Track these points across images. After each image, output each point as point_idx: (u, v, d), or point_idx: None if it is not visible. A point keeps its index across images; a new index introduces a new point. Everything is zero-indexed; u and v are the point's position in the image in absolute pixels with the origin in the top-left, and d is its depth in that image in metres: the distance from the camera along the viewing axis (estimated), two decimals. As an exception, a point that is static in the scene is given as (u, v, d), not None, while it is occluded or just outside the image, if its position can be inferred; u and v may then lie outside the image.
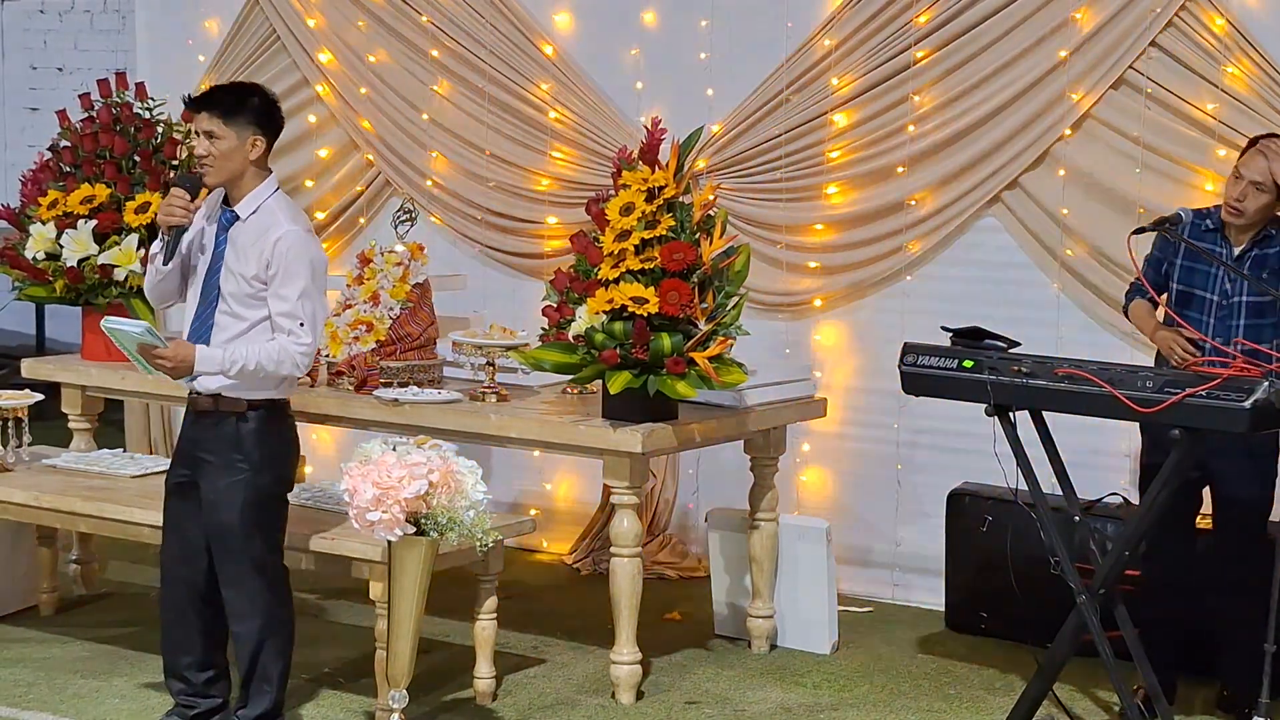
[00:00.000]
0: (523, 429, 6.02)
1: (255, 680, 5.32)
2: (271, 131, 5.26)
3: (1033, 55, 6.63)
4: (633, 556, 5.87)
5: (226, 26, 8.43)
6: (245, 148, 5.19)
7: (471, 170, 7.84)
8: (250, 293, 5.17)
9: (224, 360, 5.13)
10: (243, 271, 5.17)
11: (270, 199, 5.26)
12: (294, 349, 5.16)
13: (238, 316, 5.20)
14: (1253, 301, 5.51)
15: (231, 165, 5.19)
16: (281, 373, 5.19)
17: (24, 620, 6.68)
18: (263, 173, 5.27)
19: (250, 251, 5.17)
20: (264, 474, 5.24)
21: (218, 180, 5.22)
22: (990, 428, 5.38)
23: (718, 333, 5.73)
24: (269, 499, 5.29)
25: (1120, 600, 5.36)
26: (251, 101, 5.25)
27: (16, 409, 6.39)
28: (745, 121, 7.19)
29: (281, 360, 5.15)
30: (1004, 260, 6.81)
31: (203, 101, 5.25)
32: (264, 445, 5.24)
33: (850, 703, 5.96)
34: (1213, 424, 4.96)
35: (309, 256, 5.20)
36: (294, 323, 5.16)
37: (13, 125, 11.91)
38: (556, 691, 6.01)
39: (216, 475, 5.23)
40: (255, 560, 5.26)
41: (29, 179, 7.14)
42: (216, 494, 5.23)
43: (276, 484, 5.31)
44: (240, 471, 5.21)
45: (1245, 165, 5.51)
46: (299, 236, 5.20)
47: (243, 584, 5.26)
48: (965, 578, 6.64)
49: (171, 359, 5.12)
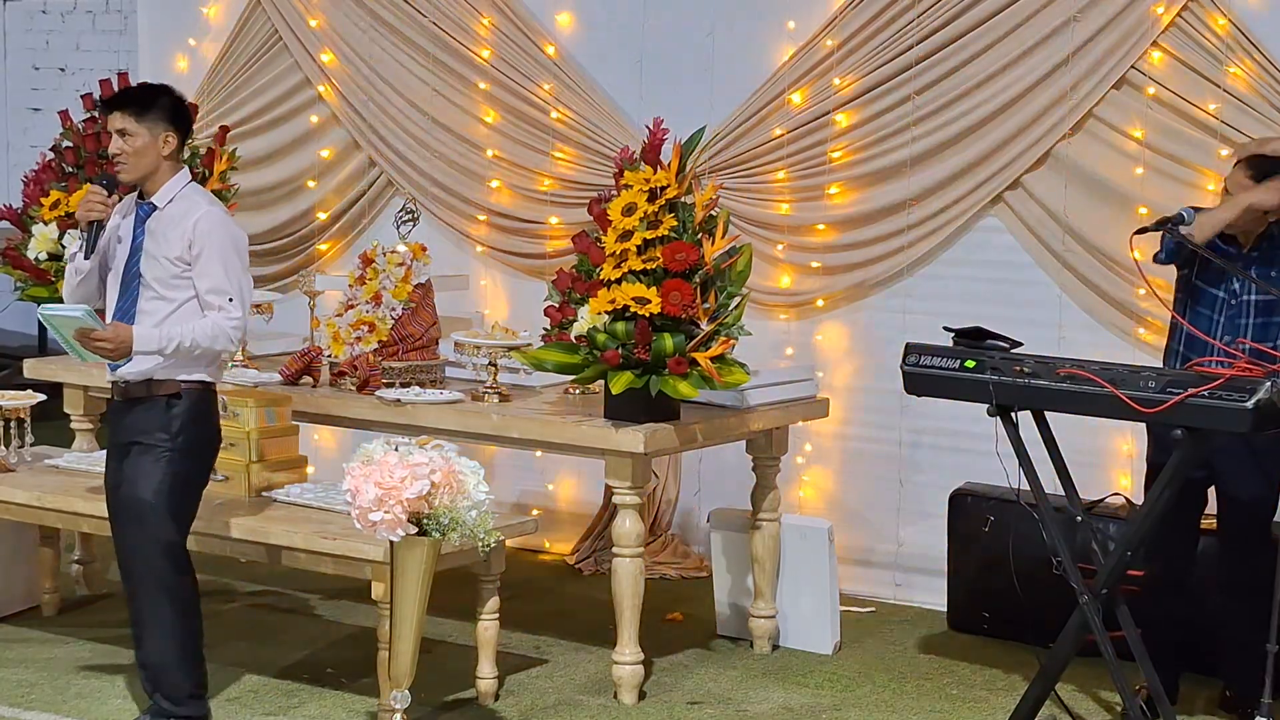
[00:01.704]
0: (525, 429, 6.02)
1: (165, 670, 5.31)
2: (182, 128, 5.38)
3: (1035, 55, 6.63)
4: (635, 557, 5.87)
5: (228, 27, 8.43)
6: (158, 144, 5.30)
7: (474, 170, 7.84)
8: (175, 273, 5.26)
9: (161, 339, 5.20)
10: (166, 254, 5.26)
11: (187, 188, 5.38)
12: (226, 324, 5.25)
13: (163, 299, 5.27)
14: (1262, 300, 5.51)
15: (145, 161, 5.30)
16: (216, 348, 5.28)
17: (26, 620, 6.68)
18: (176, 166, 5.38)
19: (171, 234, 5.27)
20: (188, 457, 5.31)
21: (133, 176, 5.32)
22: (992, 428, 5.38)
23: (720, 333, 5.73)
24: (185, 481, 5.33)
25: (1122, 600, 5.36)
26: (162, 100, 5.36)
27: (19, 409, 6.39)
28: (747, 121, 7.19)
29: (216, 335, 5.24)
30: (1006, 260, 6.81)
31: (115, 101, 5.38)
32: (191, 428, 5.31)
33: (852, 703, 5.96)
34: (1215, 424, 4.96)
35: (230, 234, 5.32)
36: (223, 298, 5.26)
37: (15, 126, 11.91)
38: (558, 692, 6.01)
39: (140, 455, 5.29)
40: (163, 543, 5.29)
41: (31, 179, 7.15)
42: (136, 472, 5.29)
43: (197, 468, 5.38)
44: (165, 452, 5.28)
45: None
46: (218, 216, 5.33)
47: (146, 565, 5.29)
48: (967, 578, 6.64)
49: (111, 340, 5.17)
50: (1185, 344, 5.61)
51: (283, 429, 6.16)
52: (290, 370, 6.55)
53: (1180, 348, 5.63)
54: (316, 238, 8.30)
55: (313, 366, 6.57)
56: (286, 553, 5.70)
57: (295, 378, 6.55)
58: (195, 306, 5.28)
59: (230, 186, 7.46)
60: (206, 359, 5.33)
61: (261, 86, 8.36)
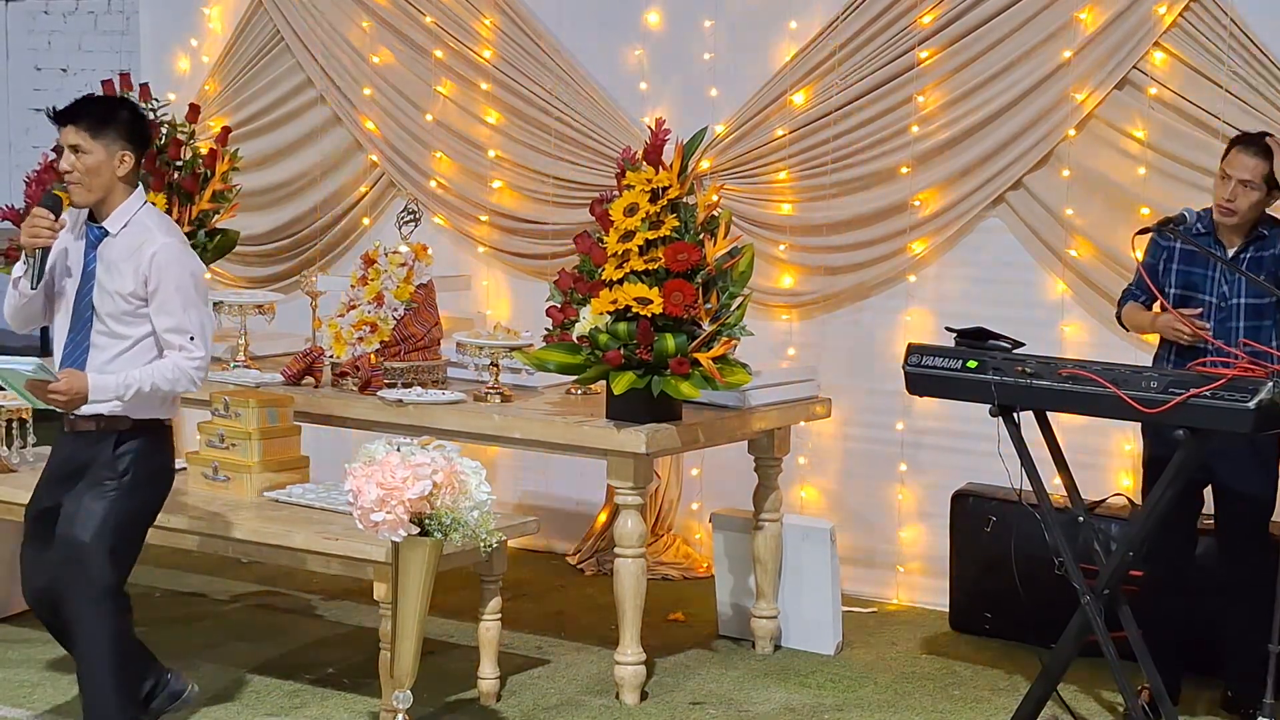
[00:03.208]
0: (526, 429, 6.03)
1: (105, 712, 5.01)
2: (140, 147, 5.03)
3: (1036, 55, 6.63)
4: (637, 557, 5.87)
5: (230, 28, 8.44)
6: (113, 163, 4.96)
7: (475, 171, 7.84)
8: (129, 310, 4.96)
9: (119, 386, 4.90)
10: (119, 289, 4.95)
11: (140, 212, 5.03)
12: (187, 365, 4.97)
13: (117, 336, 4.98)
14: (1251, 303, 5.50)
15: (99, 181, 4.95)
16: (177, 390, 5.01)
17: (29, 621, 6.66)
18: (130, 188, 5.03)
19: (124, 267, 4.95)
20: (133, 497, 5.02)
21: (85, 198, 4.97)
22: (994, 428, 5.38)
23: (721, 333, 5.73)
24: (130, 524, 5.04)
25: (1124, 601, 5.36)
26: (120, 115, 5.01)
27: (20, 410, 6.39)
28: (749, 122, 7.19)
29: (177, 379, 4.96)
30: (1008, 260, 6.81)
31: (69, 114, 4.98)
32: (139, 468, 5.01)
33: (854, 703, 5.96)
34: (1217, 424, 4.96)
35: (188, 269, 5.01)
36: (184, 337, 4.97)
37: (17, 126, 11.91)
38: (560, 692, 6.01)
39: (81, 492, 4.99)
40: (99, 586, 4.97)
41: (33, 180, 7.14)
42: (77, 508, 4.97)
43: (142, 510, 5.09)
44: (108, 490, 4.98)
45: (1230, 165, 5.51)
46: (175, 249, 5.00)
47: (84, 610, 4.97)
48: (969, 578, 6.64)
49: (65, 392, 4.86)
50: (1176, 353, 5.61)
51: (284, 429, 6.16)
52: (292, 371, 6.55)
53: (1171, 356, 5.62)
54: (318, 238, 8.30)
55: (314, 367, 6.57)
56: (288, 553, 5.70)
57: (297, 378, 6.55)
58: (151, 344, 4.99)
59: (232, 187, 7.46)
60: (167, 400, 5.05)
61: (263, 87, 8.36)
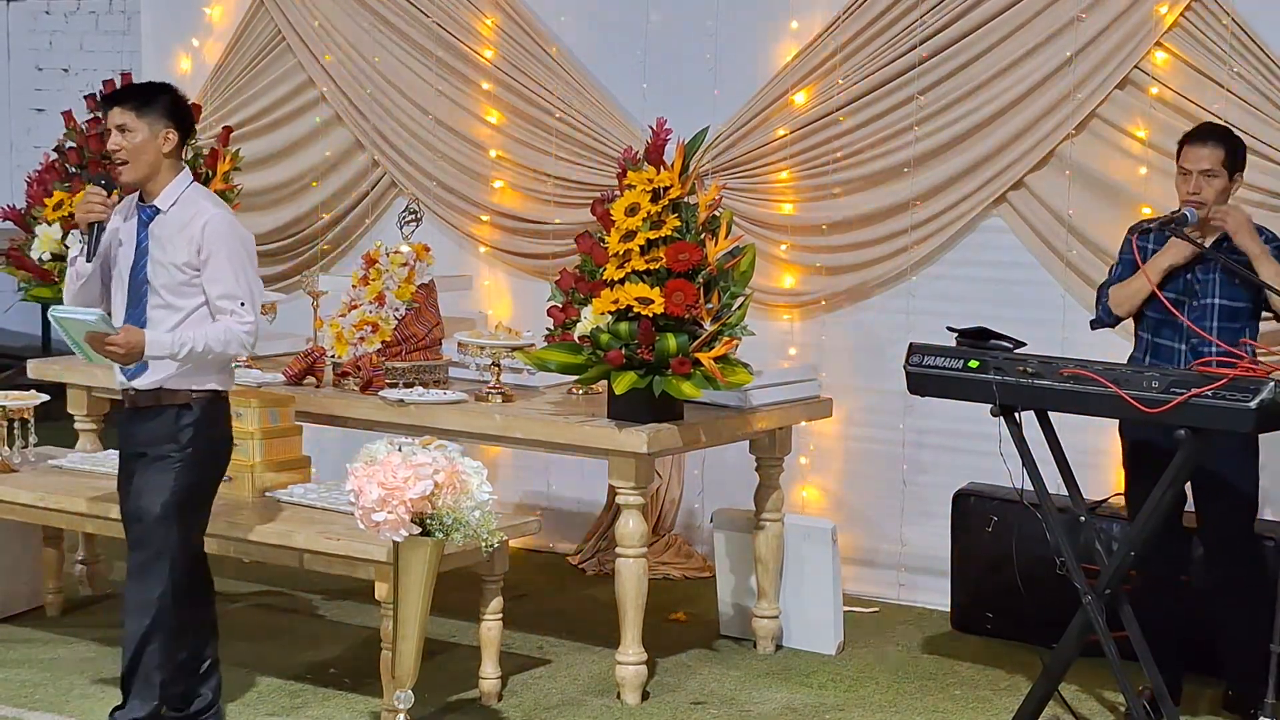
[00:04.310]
0: (528, 429, 6.03)
1: (137, 680, 5.24)
2: (183, 126, 5.28)
3: (1038, 55, 6.62)
4: (638, 557, 5.87)
5: (232, 28, 8.44)
6: (157, 141, 5.20)
7: (477, 170, 7.84)
8: (184, 280, 5.18)
9: (173, 344, 5.11)
10: (173, 260, 5.17)
11: (189, 188, 5.27)
12: (238, 328, 5.17)
13: (172, 308, 5.18)
14: (1226, 305, 5.51)
15: (145, 159, 5.20)
16: (229, 353, 5.22)
17: (30, 621, 6.68)
18: (177, 165, 5.28)
19: (177, 239, 5.18)
20: (196, 468, 5.23)
21: (133, 175, 5.22)
22: (996, 428, 5.38)
23: (723, 333, 5.73)
24: (195, 494, 5.26)
25: (1126, 600, 5.36)
26: (162, 97, 5.27)
27: (22, 410, 6.39)
28: (751, 121, 7.19)
29: (229, 340, 5.17)
30: (1009, 260, 6.81)
31: (115, 97, 5.29)
32: (201, 439, 5.23)
33: (856, 703, 5.96)
34: (1218, 424, 4.96)
35: (239, 237, 5.25)
36: (234, 303, 5.18)
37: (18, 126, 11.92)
38: (562, 692, 6.01)
39: (148, 466, 5.22)
40: (166, 556, 5.19)
41: (34, 180, 7.15)
42: (143, 481, 5.21)
43: (207, 480, 5.30)
44: (173, 463, 5.19)
45: (1187, 160, 5.55)
46: (226, 219, 5.24)
47: (145, 578, 5.20)
48: (971, 578, 6.64)
49: (123, 345, 5.08)
50: (1151, 353, 5.61)
51: (286, 429, 6.17)
52: (293, 370, 6.55)
53: (1144, 357, 5.62)
54: (320, 238, 8.30)
55: (316, 367, 6.57)
56: (290, 553, 5.70)
57: (299, 378, 6.55)
58: (205, 313, 5.19)
59: (234, 187, 7.46)
60: (218, 365, 5.26)
61: (265, 87, 8.36)
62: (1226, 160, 5.53)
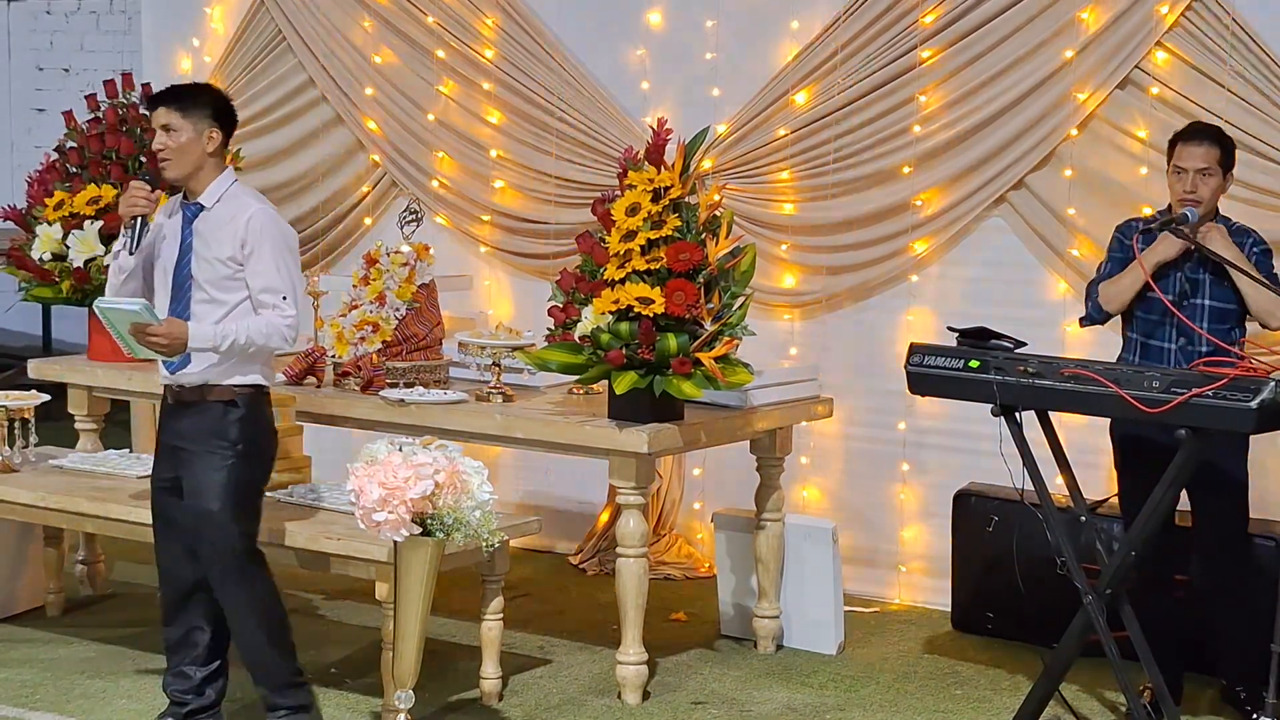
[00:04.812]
0: (528, 429, 6.03)
1: (258, 661, 5.36)
2: (227, 126, 5.35)
3: (1039, 55, 6.63)
4: (639, 557, 5.87)
5: (232, 28, 8.44)
6: (202, 140, 5.26)
7: (477, 170, 7.84)
8: (228, 274, 5.23)
9: (215, 336, 5.17)
10: (218, 255, 5.23)
11: (233, 187, 5.34)
12: (280, 322, 5.23)
13: (217, 302, 5.24)
14: (1215, 306, 5.51)
15: (190, 157, 5.26)
16: (271, 345, 5.26)
17: (30, 621, 6.69)
18: (220, 163, 5.34)
19: (222, 234, 5.24)
20: (248, 462, 5.29)
21: (177, 173, 5.27)
22: (996, 428, 5.38)
23: (723, 333, 5.73)
24: (250, 487, 5.33)
25: (1126, 600, 5.36)
26: (206, 96, 5.35)
27: (23, 410, 6.39)
28: (751, 121, 7.19)
29: (270, 334, 5.22)
30: (1010, 260, 6.81)
31: (160, 97, 5.35)
32: (248, 433, 5.30)
33: (856, 703, 5.96)
34: (1219, 424, 4.95)
35: (283, 233, 5.32)
36: (276, 297, 5.24)
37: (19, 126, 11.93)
38: (562, 692, 6.01)
39: (200, 464, 5.26)
40: (236, 549, 5.29)
41: (35, 180, 7.15)
42: (200, 481, 5.26)
43: (259, 472, 5.37)
44: (225, 459, 5.25)
45: (1181, 159, 5.55)
46: (270, 215, 5.32)
47: (227, 574, 5.29)
48: (971, 578, 6.64)
49: (166, 336, 5.12)
50: (1140, 354, 5.61)
51: (286, 429, 6.16)
52: (294, 370, 6.55)
53: (1134, 358, 5.62)
54: (320, 238, 8.30)
55: (316, 367, 6.57)
56: (290, 553, 5.70)
57: (299, 378, 6.55)
58: (247, 308, 5.25)
59: (234, 187, 7.45)
60: (259, 358, 5.31)
61: (265, 87, 8.36)
62: (1222, 159, 5.53)
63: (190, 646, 5.43)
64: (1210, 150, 5.52)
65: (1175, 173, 5.56)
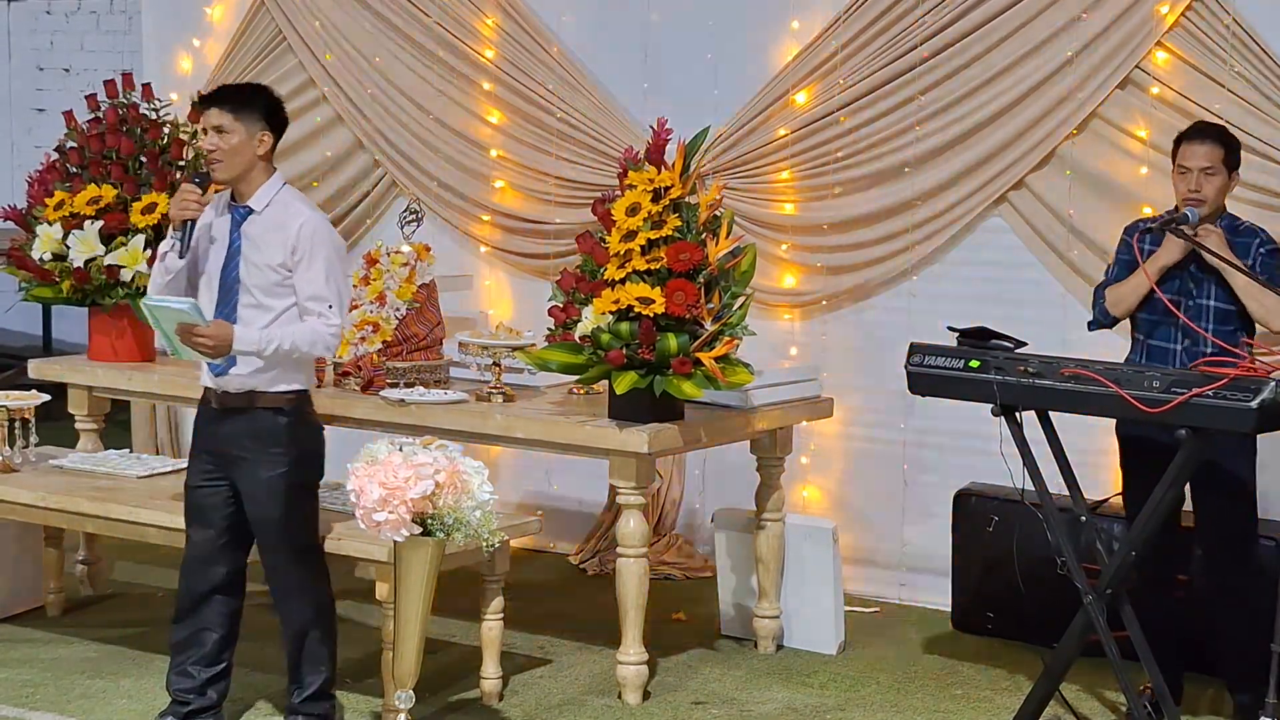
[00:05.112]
0: (529, 429, 6.03)
1: (305, 664, 5.43)
2: (278, 129, 5.37)
3: (1039, 55, 6.62)
4: (639, 557, 5.87)
5: (233, 28, 8.44)
6: (253, 143, 5.28)
7: (477, 170, 7.84)
8: (276, 281, 5.25)
9: (261, 341, 5.19)
10: (267, 261, 5.24)
11: (282, 191, 5.35)
12: (325, 330, 5.26)
13: (264, 307, 5.26)
14: (1219, 307, 5.51)
15: (240, 160, 5.27)
16: (314, 353, 5.32)
17: (31, 621, 6.69)
18: (270, 168, 5.35)
19: (272, 240, 5.25)
20: (301, 465, 5.35)
21: (227, 175, 5.28)
22: (997, 428, 5.38)
23: (724, 333, 5.73)
24: (306, 489, 5.39)
25: (1127, 600, 5.36)
26: (259, 98, 5.37)
27: (23, 409, 6.39)
28: (751, 121, 7.19)
29: (315, 341, 5.25)
30: (1010, 260, 6.81)
31: (213, 97, 5.35)
32: (300, 437, 5.35)
33: (856, 703, 5.96)
34: (1219, 424, 4.95)
35: (333, 242, 5.34)
36: (323, 305, 5.26)
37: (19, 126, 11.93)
38: (563, 692, 6.01)
39: (256, 470, 5.30)
40: (297, 549, 5.37)
41: (35, 180, 7.14)
42: (258, 488, 5.30)
43: (312, 474, 5.42)
44: (280, 464, 5.29)
45: (1185, 158, 5.54)
46: (321, 222, 5.33)
47: (287, 573, 5.37)
48: (972, 578, 6.64)
49: (212, 338, 5.14)
50: (1146, 355, 5.60)
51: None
52: (294, 370, 6.54)
53: (1140, 359, 5.61)
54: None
55: (317, 366, 6.56)
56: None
57: (299, 378, 6.54)
58: (293, 315, 5.27)
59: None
60: (302, 364, 5.35)
61: (266, 87, 8.35)
62: (1226, 158, 5.53)
63: (197, 646, 5.44)
64: (1214, 149, 5.52)
65: (1179, 172, 5.56)
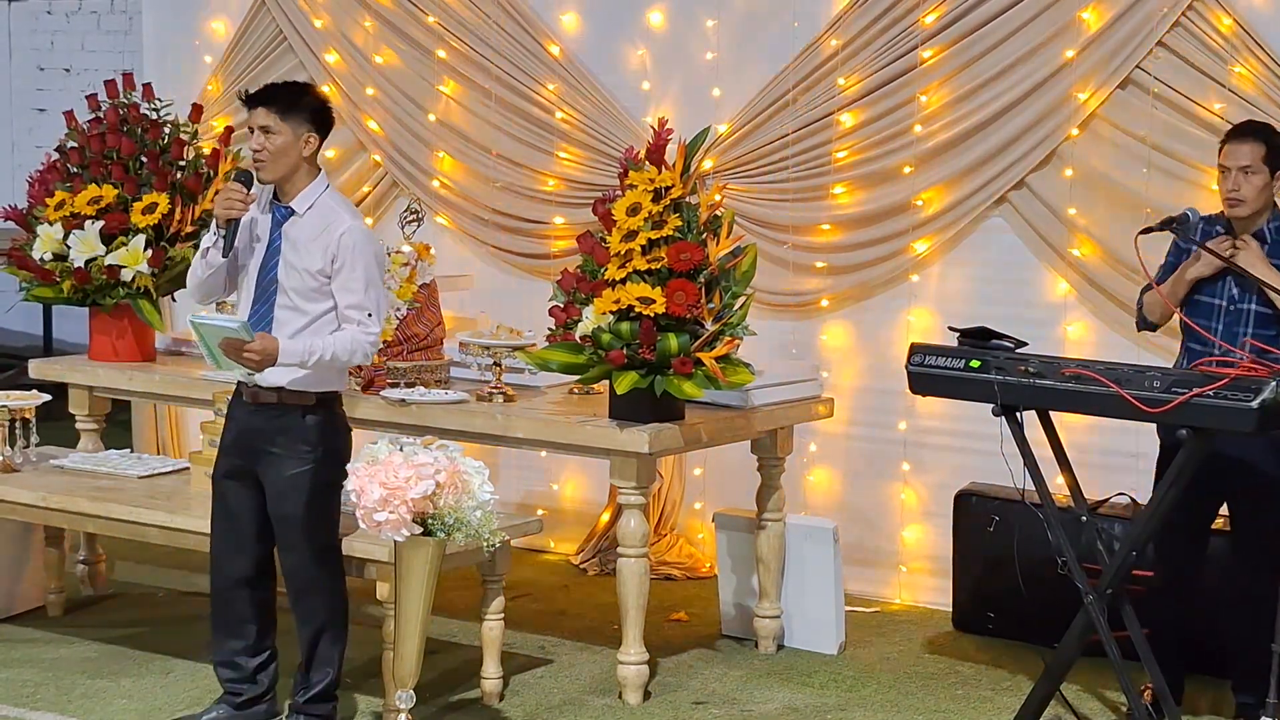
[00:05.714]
0: (529, 429, 6.03)
1: (315, 663, 5.44)
2: (323, 130, 5.36)
3: (1039, 55, 6.63)
4: (640, 557, 5.88)
5: (233, 27, 8.44)
6: (299, 144, 5.27)
7: (478, 171, 7.84)
8: (315, 286, 5.26)
9: (304, 352, 5.20)
10: (307, 266, 5.26)
11: (325, 195, 5.35)
12: (364, 339, 5.28)
13: (300, 311, 5.27)
14: (1261, 311, 5.48)
15: (286, 161, 5.27)
16: (354, 361, 5.35)
17: (31, 621, 6.69)
18: (314, 170, 5.36)
19: (313, 246, 5.26)
20: (327, 464, 5.34)
21: (272, 176, 5.29)
22: (997, 428, 5.38)
23: (724, 333, 5.73)
24: (330, 488, 5.38)
25: (1127, 600, 5.36)
26: (307, 99, 5.34)
27: (24, 409, 6.39)
28: (752, 121, 7.19)
29: (354, 350, 5.27)
30: (1011, 260, 6.81)
31: (260, 97, 5.32)
32: (328, 436, 5.36)
33: (857, 703, 5.96)
34: (1220, 424, 4.96)
35: (373, 251, 5.34)
36: (362, 314, 5.28)
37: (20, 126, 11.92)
38: (564, 692, 6.01)
39: (282, 466, 5.32)
40: (316, 548, 5.38)
41: (36, 180, 7.14)
42: (283, 484, 5.32)
43: (337, 474, 5.40)
44: (306, 462, 5.30)
45: (1228, 157, 5.50)
46: (362, 231, 5.33)
47: (305, 571, 5.38)
48: (972, 578, 6.64)
49: (260, 353, 5.16)
50: (1187, 359, 5.58)
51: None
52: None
53: (1185, 363, 5.59)
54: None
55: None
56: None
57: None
58: (330, 319, 5.29)
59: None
60: (342, 371, 5.39)
61: (266, 87, 8.35)
62: (1267, 157, 5.44)
63: (239, 638, 5.50)
64: (1256, 148, 5.45)
65: (1221, 172, 5.52)
